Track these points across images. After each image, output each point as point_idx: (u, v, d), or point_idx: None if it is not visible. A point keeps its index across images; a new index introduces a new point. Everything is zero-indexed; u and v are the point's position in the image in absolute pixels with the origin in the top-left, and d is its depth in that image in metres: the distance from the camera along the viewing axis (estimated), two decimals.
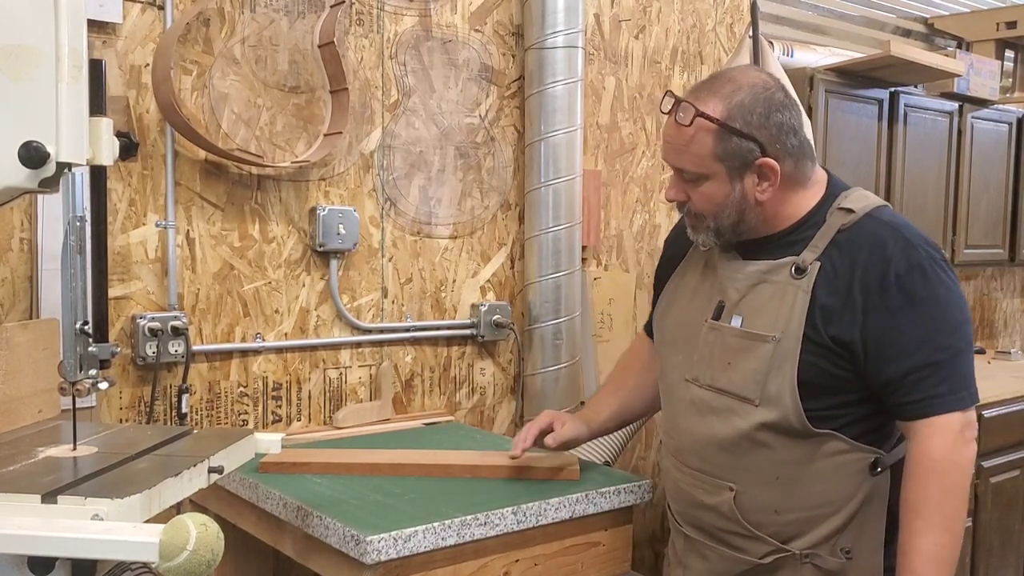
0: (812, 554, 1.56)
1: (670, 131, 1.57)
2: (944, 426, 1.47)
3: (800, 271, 1.53)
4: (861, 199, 1.59)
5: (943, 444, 1.47)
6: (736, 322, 1.59)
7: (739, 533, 1.61)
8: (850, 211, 1.56)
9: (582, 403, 2.69)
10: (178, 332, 2.10)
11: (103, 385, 1.40)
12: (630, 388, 1.95)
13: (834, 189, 1.61)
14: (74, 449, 1.41)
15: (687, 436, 1.67)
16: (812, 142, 2.34)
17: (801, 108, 1.62)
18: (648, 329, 1.94)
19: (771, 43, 2.95)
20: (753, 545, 1.60)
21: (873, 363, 1.50)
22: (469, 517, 1.63)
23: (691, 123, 1.51)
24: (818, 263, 1.53)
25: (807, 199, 1.59)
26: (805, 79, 3.07)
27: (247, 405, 2.28)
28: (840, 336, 1.50)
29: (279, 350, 2.32)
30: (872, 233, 1.53)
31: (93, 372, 1.38)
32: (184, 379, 2.14)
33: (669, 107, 1.55)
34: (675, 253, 1.81)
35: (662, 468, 1.79)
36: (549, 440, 1.86)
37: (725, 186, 1.54)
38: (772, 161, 1.53)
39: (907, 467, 1.50)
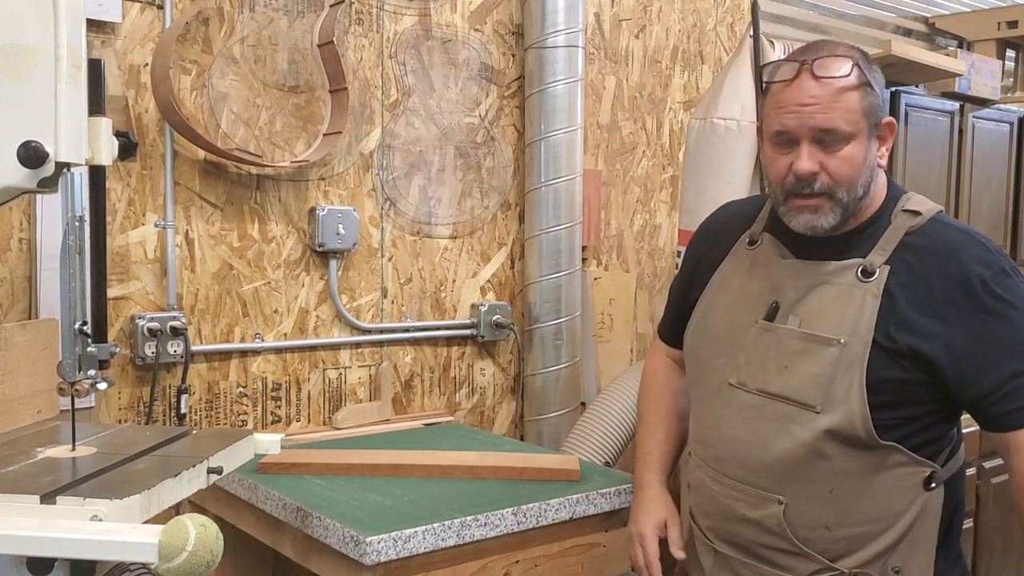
0: (862, 573, 1.47)
1: (808, 91, 1.43)
2: None
3: (868, 274, 1.45)
4: (924, 202, 1.51)
5: None
6: (794, 323, 1.49)
7: (784, 550, 1.50)
8: (916, 213, 1.48)
9: (583, 404, 2.69)
10: (177, 332, 2.09)
11: (102, 385, 1.39)
12: (677, 426, 1.78)
13: (894, 189, 1.54)
14: (73, 449, 1.41)
15: (731, 445, 1.54)
16: None
17: None
18: (667, 336, 1.81)
19: (772, 42, 2.94)
20: (798, 563, 1.49)
21: (965, 375, 1.40)
22: (469, 518, 1.62)
23: (850, 73, 1.41)
24: (887, 266, 1.44)
25: (880, 189, 1.52)
26: None
27: (246, 405, 2.27)
28: (917, 347, 1.41)
29: (278, 350, 2.31)
30: (946, 238, 1.45)
31: (92, 372, 1.37)
32: (183, 379, 2.13)
33: (794, 72, 1.44)
34: (715, 251, 1.68)
35: (692, 480, 1.66)
36: (676, 553, 1.68)
37: (864, 147, 1.45)
38: (893, 119, 1.48)
39: (1015, 481, 1.42)
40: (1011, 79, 4.24)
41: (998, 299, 1.40)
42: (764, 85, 1.53)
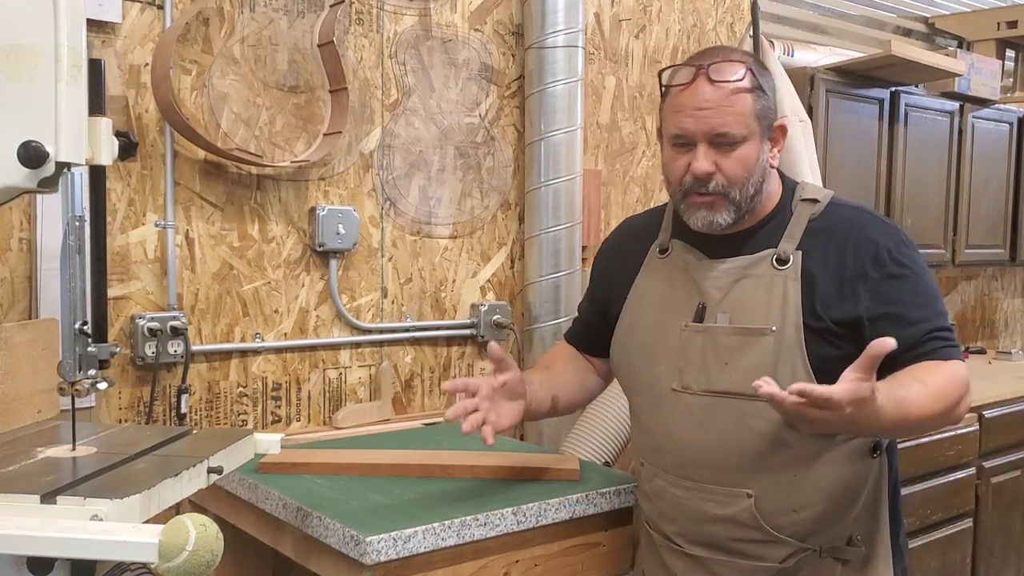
0: (831, 547, 1.55)
1: (704, 95, 1.49)
2: (959, 365, 1.49)
3: (782, 261, 1.53)
4: (819, 190, 1.63)
5: (956, 369, 1.47)
6: (724, 320, 1.54)
7: (758, 540, 1.55)
8: (815, 201, 1.58)
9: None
10: (177, 332, 2.09)
11: (102, 385, 1.39)
12: (562, 379, 1.80)
13: (788, 182, 1.64)
14: (73, 449, 1.41)
15: (691, 448, 1.57)
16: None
17: None
18: (572, 339, 1.88)
19: (771, 42, 2.95)
20: (772, 550, 1.54)
21: (886, 334, 1.44)
22: (469, 517, 1.62)
23: (743, 77, 1.49)
24: (800, 251, 1.53)
25: (776, 184, 1.61)
26: (806, 79, 3.06)
27: (246, 405, 2.27)
28: (843, 318, 1.49)
29: (278, 350, 2.31)
30: (848, 218, 1.56)
31: (92, 372, 1.37)
32: (183, 379, 2.13)
33: (691, 76, 1.50)
34: (628, 266, 1.72)
35: (650, 490, 1.68)
36: (487, 434, 1.62)
37: (757, 148, 1.52)
38: (784, 122, 1.57)
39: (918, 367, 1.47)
40: (1011, 79, 4.24)
41: (902, 266, 1.52)
42: (663, 89, 1.60)
